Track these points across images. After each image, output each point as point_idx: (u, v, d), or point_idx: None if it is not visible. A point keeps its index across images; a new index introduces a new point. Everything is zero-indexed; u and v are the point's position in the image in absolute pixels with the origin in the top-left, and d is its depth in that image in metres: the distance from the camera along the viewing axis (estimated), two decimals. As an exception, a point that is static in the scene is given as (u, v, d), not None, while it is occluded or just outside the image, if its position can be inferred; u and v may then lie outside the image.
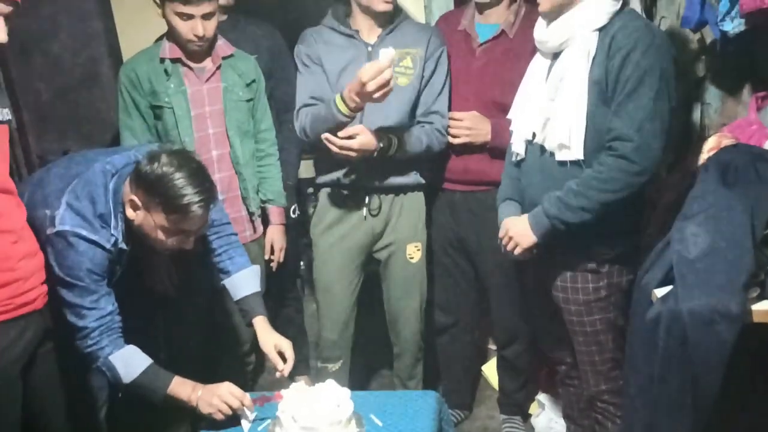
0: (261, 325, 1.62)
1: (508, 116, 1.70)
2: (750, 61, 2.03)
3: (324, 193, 1.95)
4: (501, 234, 1.66)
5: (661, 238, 1.46)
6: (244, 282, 1.65)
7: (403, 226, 1.94)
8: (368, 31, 1.82)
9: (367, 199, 1.89)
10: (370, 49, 1.81)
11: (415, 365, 2.10)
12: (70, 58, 2.40)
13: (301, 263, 3.25)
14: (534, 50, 1.66)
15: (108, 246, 1.43)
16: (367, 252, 1.97)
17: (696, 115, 2.32)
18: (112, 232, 1.44)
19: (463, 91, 1.91)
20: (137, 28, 2.34)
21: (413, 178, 1.91)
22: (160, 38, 1.99)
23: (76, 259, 1.39)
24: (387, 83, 1.56)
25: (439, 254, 2.11)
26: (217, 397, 1.42)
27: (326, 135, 1.70)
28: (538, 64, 1.63)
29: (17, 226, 1.37)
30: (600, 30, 1.47)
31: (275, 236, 2.05)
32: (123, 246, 1.47)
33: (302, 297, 2.53)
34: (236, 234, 1.72)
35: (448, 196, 2.02)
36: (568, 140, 1.50)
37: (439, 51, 1.85)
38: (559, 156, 1.54)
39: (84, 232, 1.40)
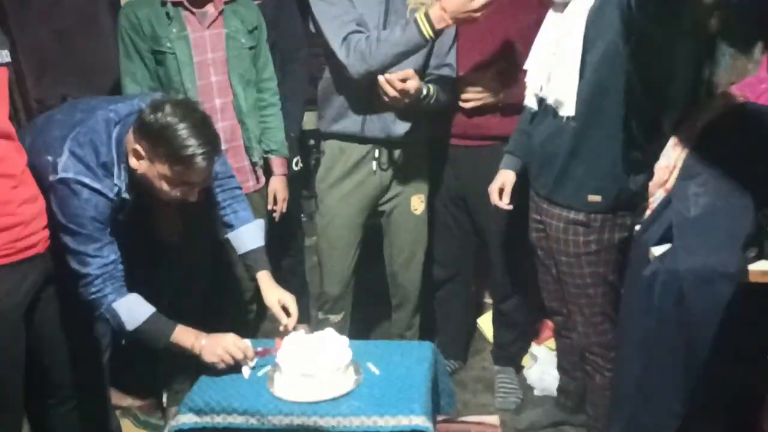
0: (264, 280, 1.63)
1: (525, 66, 1.69)
2: (764, 19, 1.98)
3: (331, 145, 1.92)
4: (492, 187, 1.72)
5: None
6: (248, 236, 1.66)
7: (408, 179, 1.94)
8: None
9: (377, 153, 1.88)
10: None
11: (413, 316, 2.14)
12: (69, 1, 2.33)
13: (302, 215, 3.26)
14: None
15: (111, 195, 1.43)
16: (374, 206, 1.97)
17: (705, 71, 2.28)
18: (115, 181, 1.44)
19: (466, 46, 1.88)
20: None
21: (421, 130, 1.89)
22: None
23: (79, 206, 1.40)
24: (491, 3, 1.53)
25: (439, 209, 2.13)
26: (222, 347, 1.45)
27: (387, 77, 1.63)
28: (550, 16, 1.62)
29: (17, 170, 1.37)
30: None
31: (278, 186, 2.05)
32: (126, 196, 1.47)
33: (304, 248, 2.55)
34: (240, 187, 1.71)
35: (451, 150, 2.03)
36: (563, 95, 1.52)
37: None
38: (560, 111, 1.55)
39: (87, 180, 1.40)
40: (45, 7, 2.32)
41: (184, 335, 1.47)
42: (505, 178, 1.78)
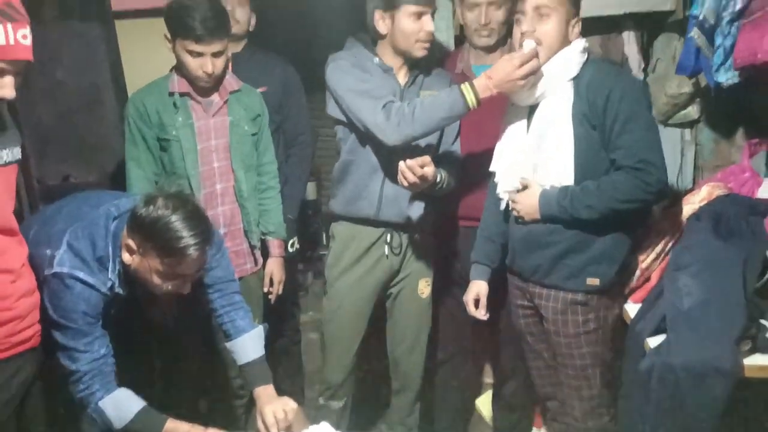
0: (262, 396, 1.59)
1: (491, 168, 1.78)
2: (744, 107, 2.11)
3: (342, 229, 1.95)
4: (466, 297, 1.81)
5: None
6: (247, 346, 1.65)
7: (417, 262, 1.96)
8: (398, 69, 1.84)
9: (389, 237, 1.92)
10: (401, 88, 1.83)
11: (414, 402, 2.12)
12: (74, 83, 2.43)
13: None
14: None
15: (104, 290, 1.45)
16: (383, 291, 1.99)
17: (690, 156, 2.40)
18: (110, 275, 1.46)
19: (468, 128, 1.96)
20: (141, 56, 2.40)
21: (431, 214, 1.93)
22: (170, 69, 2.07)
23: (71, 300, 1.41)
24: (535, 70, 1.58)
25: (443, 290, 2.15)
26: None
27: (409, 163, 1.66)
28: (514, 117, 1.71)
29: (17, 264, 1.39)
30: (573, 79, 1.59)
31: (275, 269, 2.08)
32: (119, 290, 1.49)
33: (300, 329, 2.55)
34: (239, 293, 1.72)
35: (454, 230, 2.07)
36: (558, 181, 1.60)
37: None
38: None
39: (81, 275, 1.41)
40: (49, 86, 2.42)
41: (176, 429, 1.46)
42: (479, 289, 1.83)
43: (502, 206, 1.76)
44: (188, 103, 1.87)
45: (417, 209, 1.89)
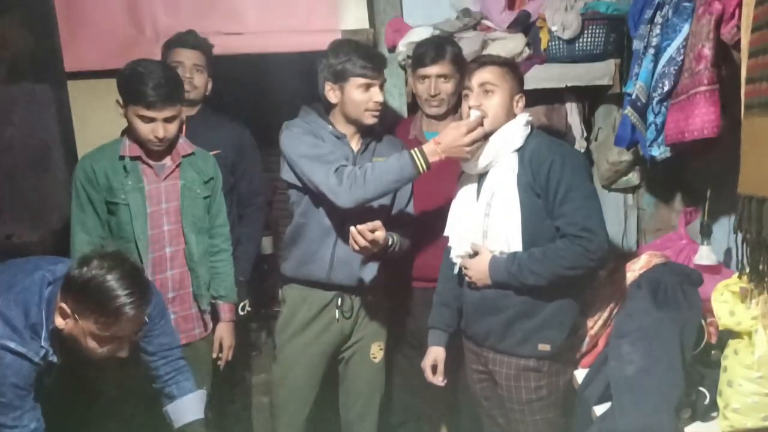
0: None
1: (445, 233, 1.84)
2: (679, 177, 2.25)
3: (292, 292, 1.96)
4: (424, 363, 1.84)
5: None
6: (187, 407, 1.64)
7: (368, 326, 1.98)
8: (351, 136, 1.91)
9: (339, 301, 1.92)
10: (354, 155, 1.89)
11: None
12: (22, 142, 2.40)
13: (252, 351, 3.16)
14: None
15: (36, 359, 1.41)
16: (335, 355, 1.99)
17: (633, 220, 2.52)
18: (42, 343, 1.41)
19: (421, 192, 2.03)
20: (93, 117, 2.40)
21: (384, 276, 1.96)
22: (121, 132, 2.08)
23: (0, 372, 1.36)
24: (480, 138, 1.66)
25: (394, 351, 2.15)
26: None
27: (359, 228, 1.70)
28: (465, 184, 1.81)
29: None
30: (517, 150, 1.69)
31: (224, 334, 2.04)
32: (53, 359, 1.44)
33: (251, 392, 2.49)
34: (183, 359, 1.71)
35: (407, 292, 2.11)
36: (507, 247, 1.67)
37: None
38: None
39: (12, 345, 1.37)
40: (-3, 145, 2.38)
41: None
42: (437, 355, 1.85)
43: (456, 270, 1.81)
44: (139, 167, 1.87)
45: (369, 272, 1.92)
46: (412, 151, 1.72)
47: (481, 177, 1.76)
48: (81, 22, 2.53)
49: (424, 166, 1.71)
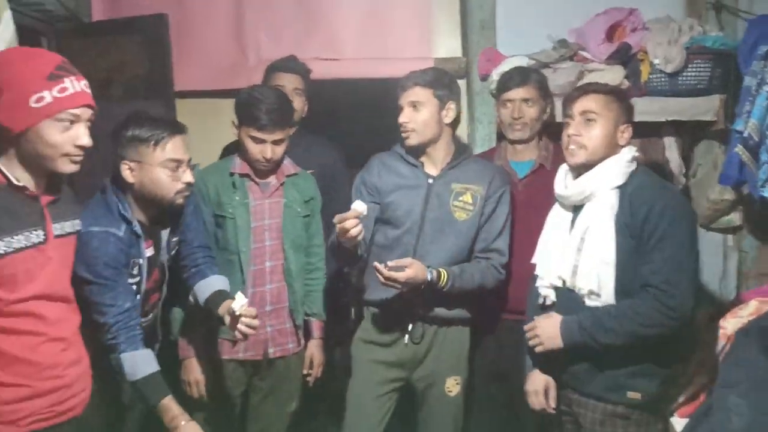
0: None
1: (533, 260, 1.82)
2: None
3: (369, 311, 2.01)
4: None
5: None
6: (213, 282, 1.80)
7: (444, 359, 1.96)
8: (432, 164, 1.95)
9: (410, 326, 1.96)
10: (431, 181, 1.92)
11: None
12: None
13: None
14: None
15: (120, 233, 1.57)
16: (404, 376, 2.00)
17: (733, 262, 2.43)
18: (122, 212, 1.59)
19: (519, 224, 2.01)
20: (195, 133, 2.57)
21: (459, 312, 1.95)
22: (225, 147, 2.24)
23: (91, 255, 1.52)
24: (347, 231, 1.69)
25: (479, 386, 2.14)
26: None
27: (375, 264, 1.78)
28: (558, 215, 1.77)
29: (69, 333, 1.45)
30: (618, 187, 1.64)
31: (315, 351, 2.10)
32: (136, 229, 1.60)
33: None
34: (212, 257, 1.89)
35: (499, 323, 2.08)
36: (597, 287, 1.61)
37: (501, 191, 1.93)
38: (590, 302, 1.64)
39: (95, 228, 1.53)
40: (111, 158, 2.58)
41: (172, 406, 1.54)
42: (548, 382, 1.78)
43: (540, 301, 1.78)
44: (246, 184, 1.98)
45: (438, 305, 1.91)
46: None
47: (576, 208, 1.71)
48: (191, 47, 2.75)
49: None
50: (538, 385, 1.78)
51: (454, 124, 1.96)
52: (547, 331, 1.68)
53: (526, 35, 2.52)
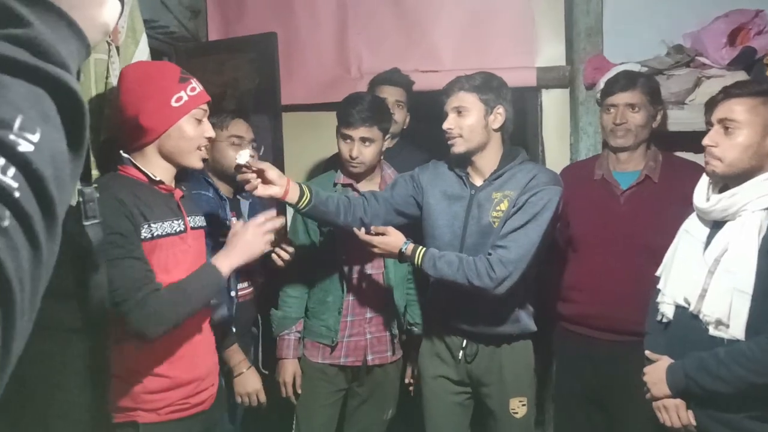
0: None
1: (657, 273, 1.70)
2: None
3: (430, 327, 2.01)
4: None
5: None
6: None
7: (505, 379, 1.90)
8: (477, 174, 1.89)
9: (464, 343, 1.91)
10: (473, 192, 1.86)
11: None
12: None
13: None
14: (681, 198, 1.71)
15: (210, 194, 1.89)
16: (469, 392, 1.97)
17: None
18: (206, 179, 1.88)
19: (610, 236, 1.97)
20: (299, 144, 2.73)
21: (518, 326, 1.89)
22: (328, 159, 2.35)
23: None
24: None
25: (570, 404, 2.07)
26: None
27: (354, 228, 1.82)
28: (695, 228, 1.61)
29: (204, 324, 1.57)
30: None
31: (416, 360, 2.10)
32: (220, 192, 1.88)
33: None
34: None
35: (588, 342, 2.00)
36: (727, 318, 1.46)
37: (535, 191, 1.78)
38: (714, 331, 1.49)
39: (192, 191, 1.73)
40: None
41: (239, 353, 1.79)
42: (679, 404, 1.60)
43: (658, 317, 1.66)
44: (350, 194, 2.05)
45: (490, 322, 1.86)
46: None
47: (716, 224, 1.57)
48: (297, 63, 2.89)
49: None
50: (678, 400, 1.58)
51: (505, 130, 1.87)
52: (652, 377, 1.59)
53: (635, 41, 2.42)
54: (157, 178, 1.48)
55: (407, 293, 2.13)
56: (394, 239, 1.81)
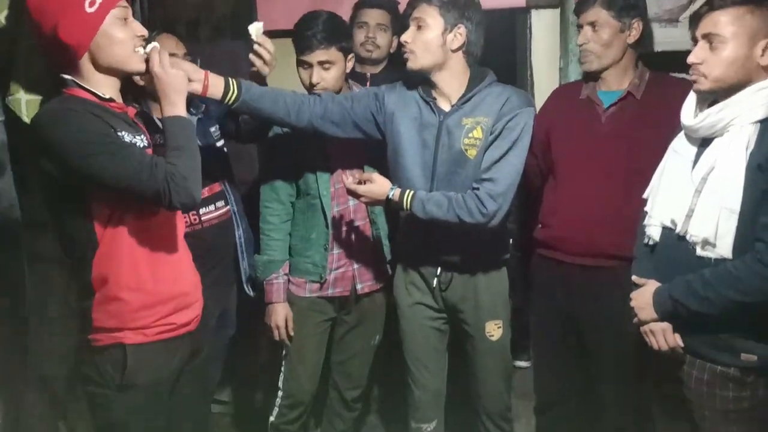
0: None
1: (644, 195, 1.69)
2: None
3: (403, 257, 2.03)
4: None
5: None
6: None
7: (480, 304, 1.94)
8: (443, 98, 1.85)
9: (438, 270, 1.94)
10: (441, 118, 1.83)
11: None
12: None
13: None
14: (668, 117, 1.68)
15: None
16: (445, 317, 2.02)
17: None
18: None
19: (591, 159, 1.93)
20: (280, 73, 2.63)
21: (492, 256, 1.92)
22: None
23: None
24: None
25: (544, 327, 2.11)
26: None
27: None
28: (682, 147, 1.60)
29: (181, 240, 1.59)
30: (760, 122, 1.44)
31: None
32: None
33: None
34: None
35: (562, 268, 2.00)
36: (714, 237, 1.46)
37: (511, 115, 1.77)
38: (701, 251, 1.50)
39: None
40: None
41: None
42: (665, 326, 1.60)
43: (646, 240, 1.66)
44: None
45: (466, 251, 1.89)
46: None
47: (704, 142, 1.53)
48: (275, -16, 2.78)
49: None
50: (664, 324, 1.58)
51: (469, 53, 1.81)
52: (639, 302, 1.60)
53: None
54: (107, 96, 1.45)
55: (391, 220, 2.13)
56: (379, 186, 1.81)
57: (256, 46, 1.79)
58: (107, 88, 1.47)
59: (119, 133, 1.43)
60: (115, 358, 1.46)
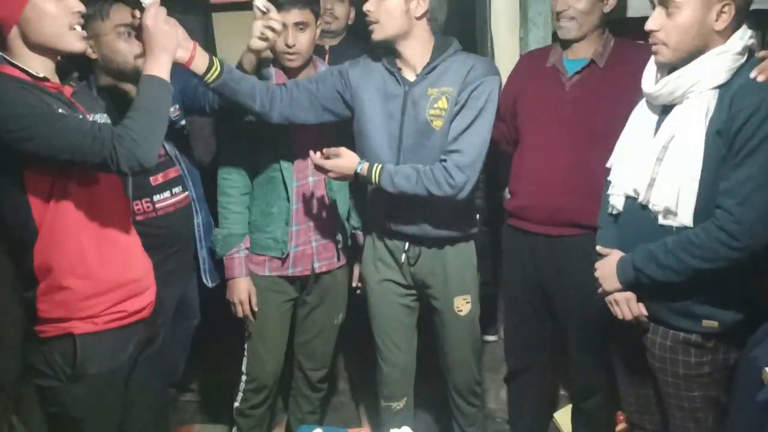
0: None
1: (607, 164, 1.68)
2: None
3: (371, 232, 2.01)
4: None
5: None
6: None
7: (449, 279, 1.93)
8: (408, 68, 1.83)
9: (406, 246, 1.93)
10: (407, 88, 1.82)
11: (474, 413, 2.10)
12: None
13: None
14: (632, 84, 1.66)
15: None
16: (414, 293, 2.01)
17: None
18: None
19: (555, 127, 1.94)
20: (233, 48, 2.55)
21: (459, 230, 1.91)
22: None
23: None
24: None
25: (514, 296, 2.14)
26: None
27: (310, 151, 1.80)
28: (643, 115, 1.59)
29: (128, 224, 1.54)
30: (719, 87, 1.43)
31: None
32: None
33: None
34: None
35: (528, 237, 2.02)
36: (675, 205, 1.46)
37: (475, 84, 1.76)
38: (663, 220, 1.50)
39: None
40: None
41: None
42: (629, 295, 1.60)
43: (609, 210, 1.66)
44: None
45: (432, 225, 1.87)
46: None
47: (664, 110, 1.51)
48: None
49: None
50: (628, 294, 1.59)
51: (433, 20, 1.79)
52: (603, 272, 1.60)
53: None
54: (41, 75, 1.37)
55: (351, 197, 2.10)
56: (347, 161, 1.79)
57: (265, 20, 1.73)
58: (40, 66, 1.38)
59: (55, 108, 1.35)
60: (65, 349, 1.42)
